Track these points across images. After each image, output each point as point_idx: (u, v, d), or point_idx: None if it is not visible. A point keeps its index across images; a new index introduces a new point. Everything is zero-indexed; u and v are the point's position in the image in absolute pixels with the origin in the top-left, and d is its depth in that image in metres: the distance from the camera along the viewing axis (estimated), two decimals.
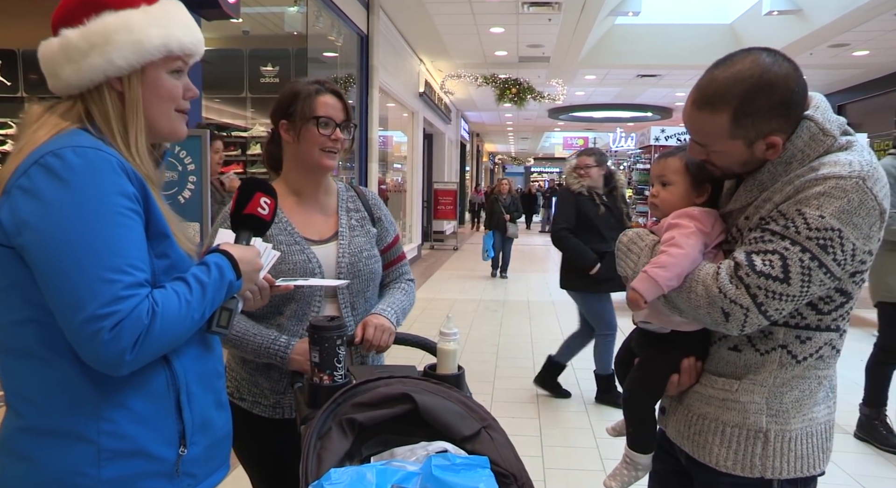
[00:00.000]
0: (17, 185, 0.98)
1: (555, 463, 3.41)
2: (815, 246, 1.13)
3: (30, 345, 1.02)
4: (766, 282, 1.15)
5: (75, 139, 1.02)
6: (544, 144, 30.72)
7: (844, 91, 13.55)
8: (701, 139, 1.25)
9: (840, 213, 1.12)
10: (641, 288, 1.25)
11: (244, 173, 7.28)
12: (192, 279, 1.07)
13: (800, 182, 1.17)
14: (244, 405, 1.64)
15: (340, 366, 1.31)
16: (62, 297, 0.96)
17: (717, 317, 1.19)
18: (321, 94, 1.59)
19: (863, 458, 3.54)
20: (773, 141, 1.19)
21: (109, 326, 0.95)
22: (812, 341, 1.24)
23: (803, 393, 1.26)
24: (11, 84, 6.96)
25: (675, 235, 1.26)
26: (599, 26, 9.92)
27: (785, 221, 1.16)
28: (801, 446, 1.26)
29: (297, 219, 1.64)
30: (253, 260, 1.19)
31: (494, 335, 6.33)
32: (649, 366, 1.40)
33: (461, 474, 1.01)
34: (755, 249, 1.18)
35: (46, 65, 1.08)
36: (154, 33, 1.07)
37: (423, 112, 12.65)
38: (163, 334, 1.00)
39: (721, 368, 1.31)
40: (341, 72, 7.74)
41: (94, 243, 0.97)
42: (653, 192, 1.41)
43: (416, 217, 12.95)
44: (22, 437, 1.04)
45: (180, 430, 1.10)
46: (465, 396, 1.30)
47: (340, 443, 1.14)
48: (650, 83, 13.44)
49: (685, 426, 1.36)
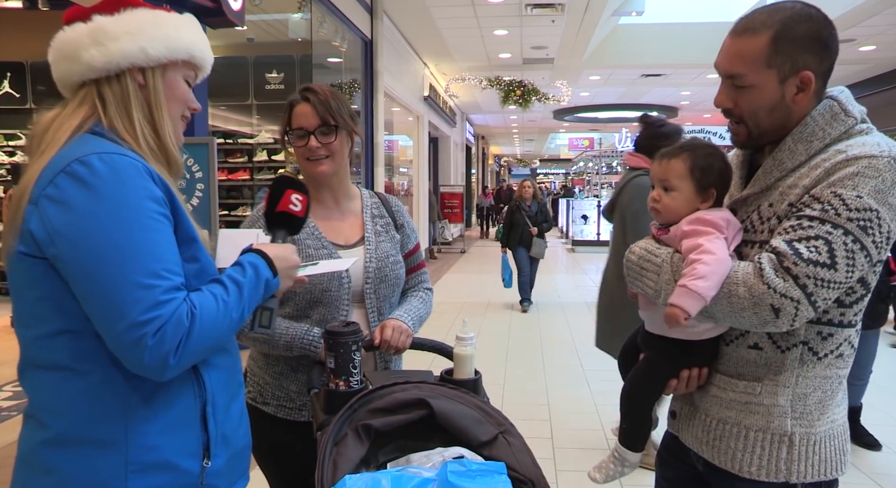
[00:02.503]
0: (45, 195, 0.98)
1: (567, 465, 3.40)
2: (856, 227, 1.10)
3: (61, 357, 1.02)
4: (815, 269, 1.10)
5: (99, 145, 1.02)
6: (550, 146, 30.68)
7: (851, 86, 13.44)
8: (735, 69, 1.21)
9: (876, 193, 1.10)
10: (683, 303, 1.16)
11: (251, 179, 7.31)
12: (228, 280, 1.08)
13: (830, 164, 1.14)
14: (268, 409, 1.65)
15: (356, 372, 1.31)
16: (102, 306, 0.96)
17: (766, 316, 1.12)
18: (296, 104, 1.61)
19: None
20: (806, 76, 1.17)
21: (152, 331, 0.95)
22: (833, 338, 1.21)
23: (825, 395, 1.23)
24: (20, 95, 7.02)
25: (702, 242, 1.19)
26: (603, 27, 9.91)
27: (821, 205, 1.12)
28: (824, 449, 1.23)
29: (322, 224, 1.66)
30: (288, 257, 1.19)
31: (504, 337, 6.33)
32: (652, 367, 1.37)
33: (477, 480, 1.00)
34: (796, 237, 1.13)
35: (67, 48, 1.07)
36: (183, 35, 1.13)
37: (428, 115, 12.66)
38: (203, 336, 1.01)
39: (741, 369, 1.27)
40: (346, 77, 7.76)
41: (129, 249, 0.97)
42: (654, 196, 1.33)
43: (422, 221, 12.96)
44: (46, 451, 1.03)
45: (205, 442, 1.10)
46: (482, 401, 1.30)
47: (356, 449, 1.13)
48: (655, 82, 13.41)
49: (703, 431, 1.32)
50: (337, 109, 1.60)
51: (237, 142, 7.42)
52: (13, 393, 4.43)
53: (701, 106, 16.94)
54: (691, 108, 17.07)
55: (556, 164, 42.08)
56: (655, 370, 1.35)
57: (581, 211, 14.85)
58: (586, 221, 14.56)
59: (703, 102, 16.36)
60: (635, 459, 1.42)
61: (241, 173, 7.33)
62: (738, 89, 1.22)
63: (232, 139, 7.46)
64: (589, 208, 14.48)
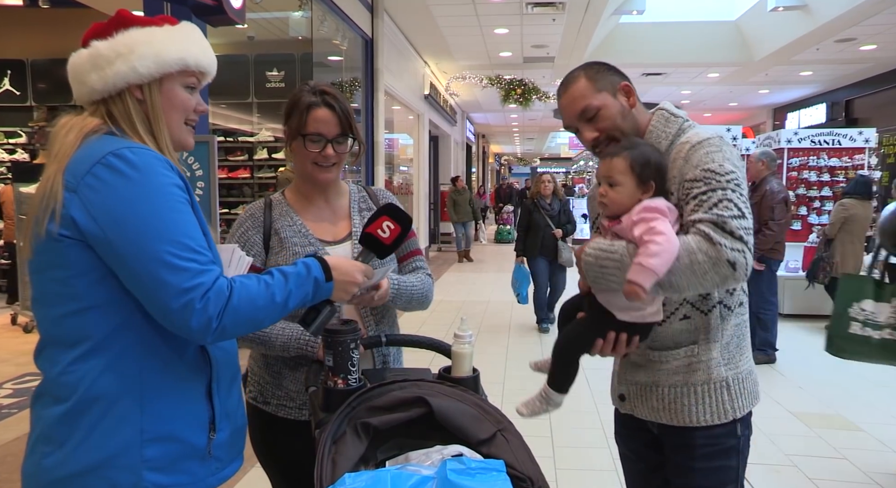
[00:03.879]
0: (85, 184, 1.07)
1: (566, 463, 3.40)
2: (734, 185, 1.36)
3: (87, 331, 1.10)
4: (739, 222, 1.32)
5: (123, 142, 1.12)
6: (550, 145, 30.66)
7: (852, 86, 13.47)
8: (580, 105, 1.52)
9: (726, 160, 1.39)
10: (639, 278, 1.31)
11: (251, 178, 7.31)
12: (275, 270, 1.21)
13: (684, 154, 1.43)
14: (269, 409, 1.65)
15: (354, 370, 1.31)
16: (149, 278, 1.06)
17: (726, 271, 1.30)
18: (315, 108, 1.56)
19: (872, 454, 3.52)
20: (625, 85, 1.53)
21: (199, 296, 1.07)
22: (736, 291, 1.49)
23: (740, 339, 1.52)
24: (20, 93, 7.02)
25: (653, 225, 1.34)
26: (604, 25, 9.91)
27: (702, 182, 1.38)
28: (749, 383, 1.52)
29: (310, 221, 1.66)
30: (350, 271, 1.30)
31: (503, 336, 6.33)
32: (587, 326, 1.53)
33: (476, 478, 1.00)
34: (707, 206, 1.35)
35: (74, 73, 1.19)
36: (173, 48, 1.20)
37: (429, 114, 12.65)
38: (242, 308, 1.12)
39: (678, 339, 1.50)
40: (346, 75, 7.76)
41: (169, 227, 1.08)
42: (601, 192, 1.49)
43: (422, 219, 12.96)
44: (61, 424, 1.10)
45: (210, 416, 1.20)
46: (481, 399, 1.30)
47: (355, 447, 1.14)
48: (655, 81, 13.40)
49: (658, 400, 1.53)
50: (353, 118, 1.60)
51: (237, 141, 7.42)
52: (13, 391, 4.44)
53: (701, 105, 16.93)
54: (691, 108, 17.07)
55: (557, 163, 42.05)
56: (589, 329, 1.52)
57: (581, 209, 14.87)
58: (586, 220, 14.56)
59: (703, 101, 16.35)
60: (560, 400, 1.59)
61: (241, 171, 7.33)
62: (593, 119, 1.52)
63: (232, 137, 7.46)
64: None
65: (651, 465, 1.65)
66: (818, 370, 5.16)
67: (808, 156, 7.35)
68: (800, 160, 7.35)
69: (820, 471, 3.32)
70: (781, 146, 7.37)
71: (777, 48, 10.27)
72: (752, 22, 10.56)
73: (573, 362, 1.56)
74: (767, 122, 18.05)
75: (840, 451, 3.57)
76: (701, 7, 10.86)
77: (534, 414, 1.59)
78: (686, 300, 1.48)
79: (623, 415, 1.67)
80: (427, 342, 1.59)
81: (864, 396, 4.52)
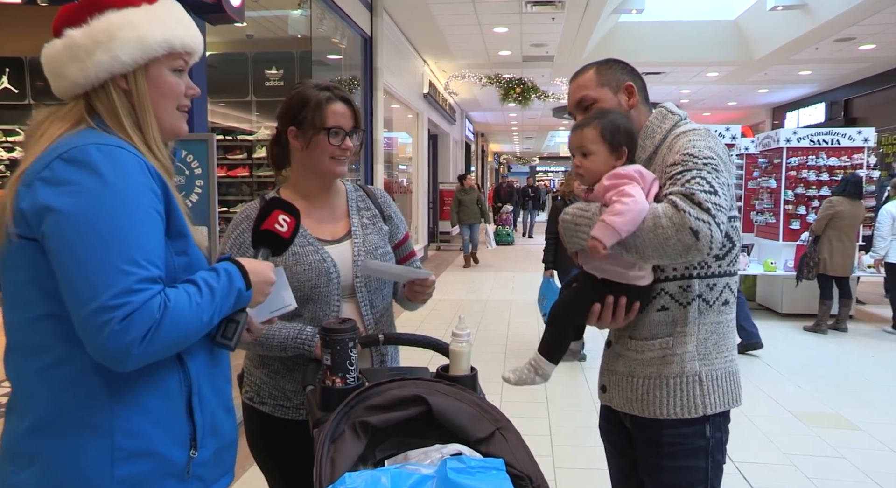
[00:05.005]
0: (39, 177, 0.99)
1: (566, 462, 3.40)
2: (710, 168, 1.39)
3: (46, 340, 1.02)
4: (709, 196, 1.33)
5: (97, 137, 1.03)
6: (549, 143, 30.65)
7: (851, 85, 13.47)
8: (580, 94, 1.58)
9: (706, 147, 1.42)
10: (600, 235, 1.34)
11: (250, 176, 7.30)
12: (202, 281, 1.07)
13: (669, 142, 1.49)
14: (265, 409, 1.64)
15: (353, 369, 1.31)
16: (76, 284, 0.96)
17: (688, 239, 1.30)
18: (331, 102, 1.59)
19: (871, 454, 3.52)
20: (628, 85, 1.57)
21: (120, 317, 0.94)
22: (717, 286, 1.50)
23: (720, 337, 1.51)
24: (19, 91, 7.01)
25: (622, 188, 1.37)
26: (603, 24, 9.89)
27: (681, 164, 1.41)
28: (725, 383, 1.51)
29: (308, 221, 1.65)
30: (264, 272, 1.19)
31: (503, 334, 6.33)
32: (581, 291, 1.53)
33: (476, 476, 1.00)
34: (681, 182, 1.38)
35: (50, 66, 1.09)
36: (156, 30, 1.09)
37: (428, 113, 12.65)
38: (172, 331, 0.99)
39: (654, 331, 1.52)
40: (346, 74, 7.75)
41: (114, 233, 0.97)
42: (576, 163, 1.52)
43: (421, 218, 12.95)
44: (27, 440, 1.02)
45: (191, 432, 1.10)
46: (479, 397, 1.30)
47: (354, 447, 1.13)
48: (655, 81, 13.39)
49: (632, 391, 1.55)
50: (360, 115, 1.64)
51: (236, 139, 7.41)
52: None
53: (700, 104, 16.93)
54: (691, 107, 17.07)
55: (556, 162, 42.04)
56: (584, 294, 1.52)
57: None
58: None
59: (702, 101, 16.35)
60: (550, 370, 1.58)
61: (240, 170, 7.32)
62: (588, 110, 1.56)
63: (231, 136, 7.44)
64: None
65: (630, 461, 1.65)
66: (816, 369, 5.16)
67: (807, 156, 7.35)
68: (799, 159, 7.35)
69: (819, 471, 3.31)
70: (780, 145, 7.37)
71: (776, 47, 10.27)
72: (751, 21, 10.55)
73: (567, 330, 1.58)
74: (766, 122, 18.06)
75: (839, 451, 3.57)
76: (700, 6, 10.84)
77: (521, 383, 1.58)
78: (664, 290, 1.49)
79: (604, 408, 1.70)
80: (424, 341, 1.58)
81: (863, 395, 4.52)
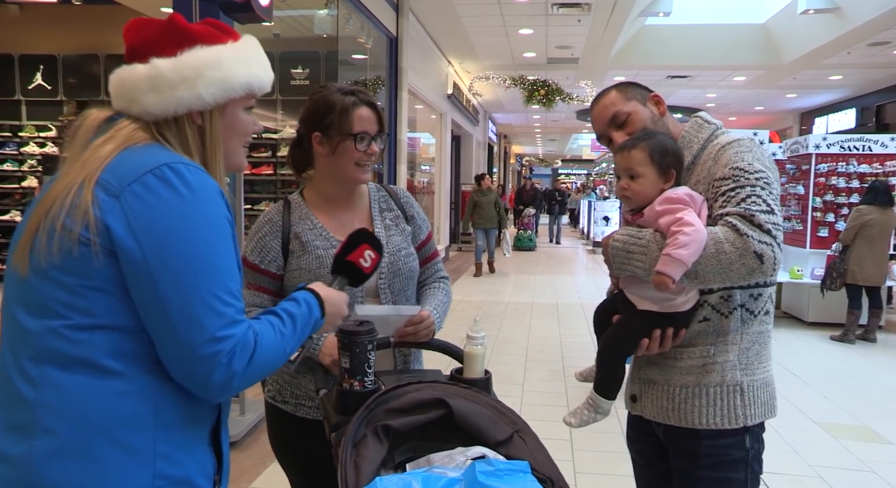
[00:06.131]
0: (131, 191, 0.94)
1: (586, 467, 3.38)
2: (762, 183, 1.36)
3: (91, 353, 0.94)
4: (768, 217, 1.32)
5: (179, 156, 1.01)
6: (572, 146, 30.49)
7: (883, 91, 13.18)
8: (610, 111, 1.56)
9: (756, 160, 1.39)
10: (668, 270, 1.32)
11: (274, 175, 7.36)
12: (284, 312, 1.07)
13: (714, 154, 1.45)
14: (287, 408, 1.65)
15: (371, 372, 1.30)
16: (180, 314, 0.92)
17: (752, 263, 1.29)
18: (357, 107, 1.57)
19: None
20: (654, 96, 1.58)
21: (227, 349, 0.93)
22: (762, 297, 1.48)
23: (761, 347, 1.49)
24: (52, 88, 7.15)
25: (681, 216, 1.34)
26: (629, 27, 9.81)
27: (731, 179, 1.38)
28: (764, 393, 1.48)
29: (331, 224, 1.65)
30: (340, 304, 1.21)
31: (523, 337, 6.30)
32: (628, 327, 1.50)
33: (505, 479, 0.99)
34: (736, 202, 1.35)
35: (123, 90, 1.05)
36: (241, 71, 1.08)
37: (451, 114, 12.64)
38: (262, 362, 0.99)
39: (694, 340, 1.48)
40: (371, 74, 7.78)
41: (216, 262, 0.95)
42: (622, 185, 1.48)
43: (443, 218, 12.95)
44: (55, 463, 0.92)
45: (214, 464, 1.07)
46: (495, 400, 1.29)
47: (376, 450, 1.13)
48: (681, 84, 13.25)
49: (668, 400, 1.50)
50: (385, 117, 1.62)
51: (261, 137, 7.47)
52: None
53: (726, 108, 16.70)
54: (717, 111, 16.84)
55: (578, 165, 41.78)
56: (630, 329, 1.49)
57: (603, 212, 14.77)
58: (608, 223, 14.46)
59: (728, 105, 16.13)
60: (608, 407, 1.54)
61: (264, 168, 7.38)
62: (624, 124, 1.54)
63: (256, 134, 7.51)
64: (611, 209, 14.38)
65: (659, 472, 1.62)
66: (843, 380, 5.06)
67: (836, 162, 7.21)
68: (828, 166, 7.22)
69: (846, 484, 3.25)
70: (809, 151, 7.24)
71: (807, 51, 10.09)
72: (781, 25, 10.38)
73: (619, 366, 1.54)
74: (794, 127, 17.75)
75: (868, 464, 3.49)
76: (729, 9, 10.69)
77: (583, 424, 1.55)
78: (707, 302, 1.45)
79: (633, 418, 1.66)
80: (436, 344, 1.57)
81: (892, 408, 4.42)
